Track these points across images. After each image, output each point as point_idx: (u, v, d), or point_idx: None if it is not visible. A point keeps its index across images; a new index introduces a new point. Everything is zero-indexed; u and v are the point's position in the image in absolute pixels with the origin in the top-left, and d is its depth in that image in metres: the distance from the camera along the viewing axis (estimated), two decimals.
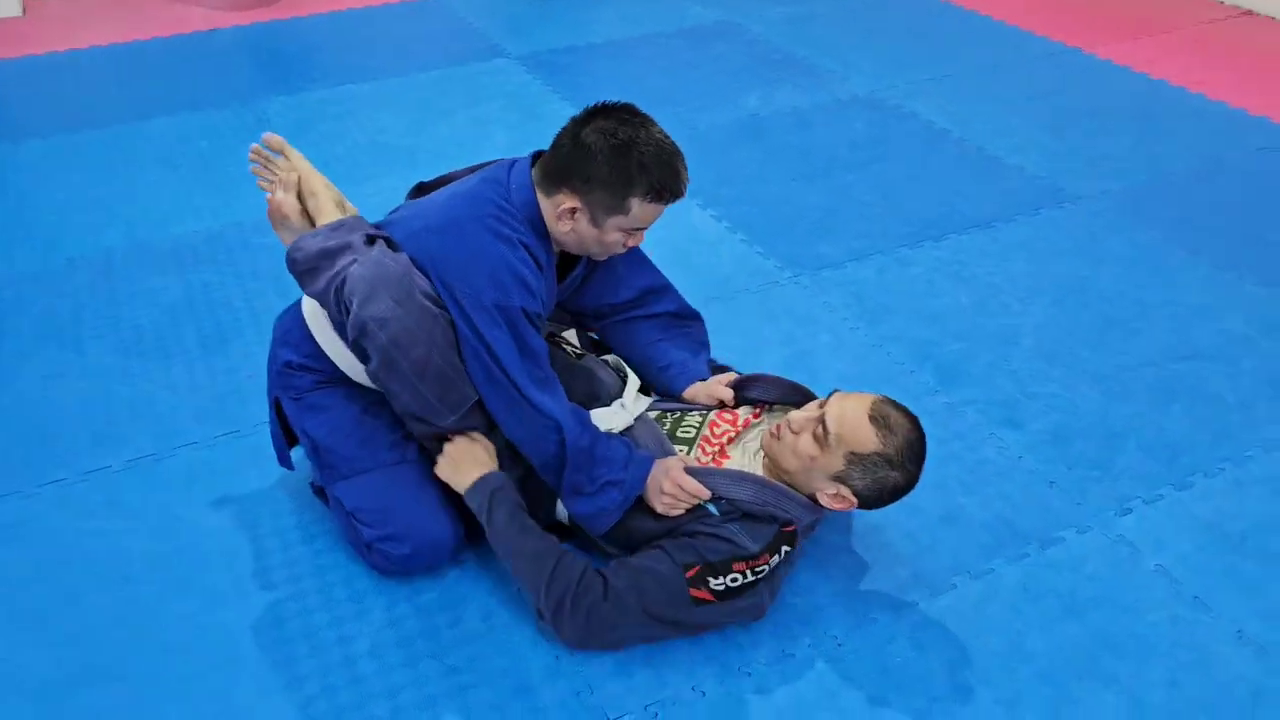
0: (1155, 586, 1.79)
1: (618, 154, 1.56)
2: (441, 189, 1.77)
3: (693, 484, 1.60)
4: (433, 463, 1.73)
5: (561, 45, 4.13)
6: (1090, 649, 1.67)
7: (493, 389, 1.61)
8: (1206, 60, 4.00)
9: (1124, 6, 4.55)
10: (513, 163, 1.71)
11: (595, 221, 1.63)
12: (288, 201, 1.80)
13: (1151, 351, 2.37)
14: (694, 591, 1.56)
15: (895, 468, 1.59)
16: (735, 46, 4.12)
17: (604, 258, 1.77)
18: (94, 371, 2.29)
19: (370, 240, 1.67)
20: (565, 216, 1.63)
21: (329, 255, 1.65)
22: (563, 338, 1.90)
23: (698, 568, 1.56)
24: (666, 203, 1.63)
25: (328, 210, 1.78)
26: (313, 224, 1.80)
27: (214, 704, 1.57)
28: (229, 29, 4.27)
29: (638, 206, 1.61)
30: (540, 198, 1.65)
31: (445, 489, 1.74)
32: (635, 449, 1.65)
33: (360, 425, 1.74)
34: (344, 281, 1.60)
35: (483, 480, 1.66)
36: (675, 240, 2.69)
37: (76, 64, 3.91)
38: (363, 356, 1.62)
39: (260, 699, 1.58)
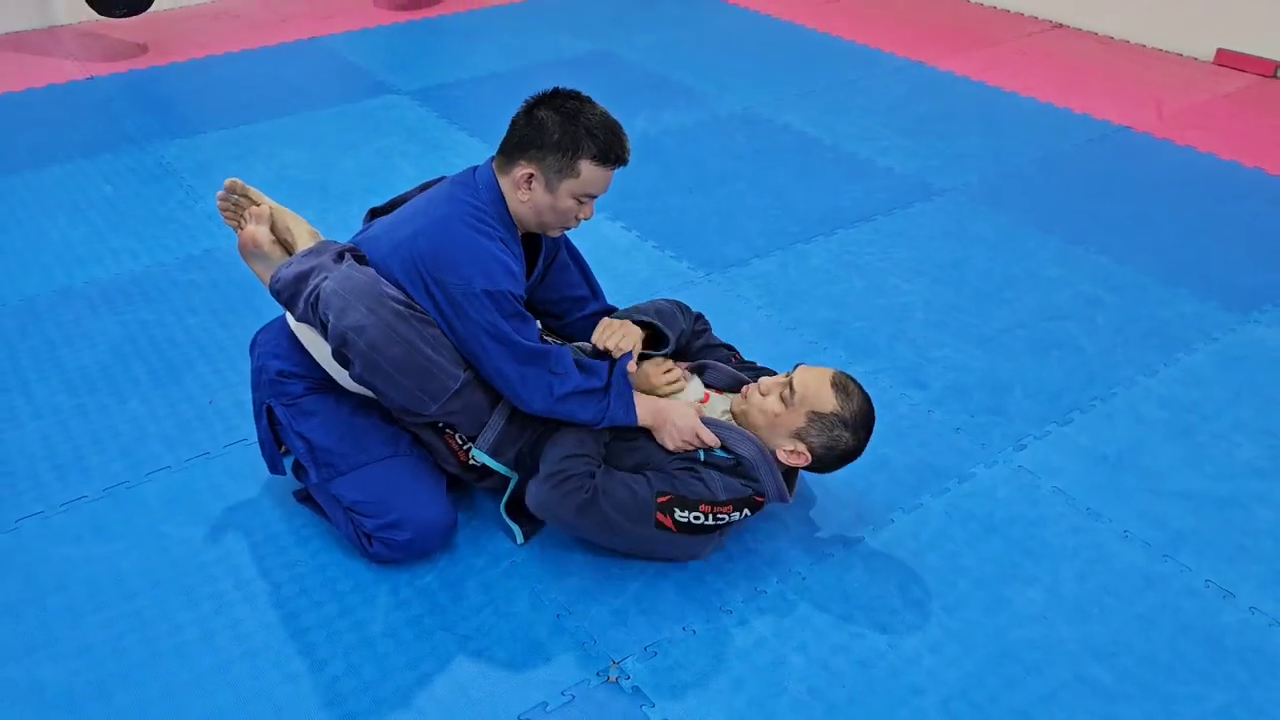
0: (1055, 504, 2.10)
1: (567, 120, 1.75)
2: (413, 201, 1.93)
3: (708, 435, 1.82)
4: (427, 454, 1.89)
5: (448, 80, 4.30)
6: (1012, 558, 1.96)
7: (498, 361, 1.75)
8: (1030, 68, 4.52)
9: (956, 25, 5.07)
10: (475, 168, 1.89)
11: (549, 187, 1.79)
12: (260, 232, 1.94)
13: (1022, 315, 2.73)
14: (660, 516, 1.76)
15: (848, 429, 1.83)
16: (614, 73, 4.38)
17: (558, 232, 1.90)
18: (46, 411, 2.31)
19: (339, 257, 1.81)
20: (523, 184, 1.79)
21: (303, 278, 1.79)
22: (541, 329, 2.08)
23: (670, 496, 1.77)
24: (613, 167, 1.80)
25: (304, 240, 1.93)
26: (287, 251, 1.94)
27: (242, 692, 1.67)
28: (107, 77, 4.24)
29: (587, 169, 1.77)
30: (501, 180, 1.82)
31: (437, 477, 1.89)
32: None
33: (353, 425, 1.88)
34: (318, 298, 1.74)
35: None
36: (592, 250, 2.85)
37: None
38: (345, 363, 1.75)
39: (286, 683, 1.68)
